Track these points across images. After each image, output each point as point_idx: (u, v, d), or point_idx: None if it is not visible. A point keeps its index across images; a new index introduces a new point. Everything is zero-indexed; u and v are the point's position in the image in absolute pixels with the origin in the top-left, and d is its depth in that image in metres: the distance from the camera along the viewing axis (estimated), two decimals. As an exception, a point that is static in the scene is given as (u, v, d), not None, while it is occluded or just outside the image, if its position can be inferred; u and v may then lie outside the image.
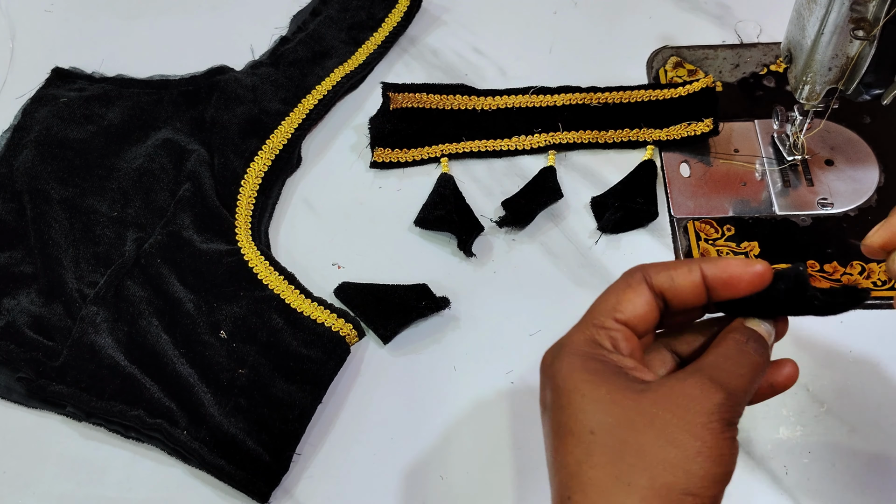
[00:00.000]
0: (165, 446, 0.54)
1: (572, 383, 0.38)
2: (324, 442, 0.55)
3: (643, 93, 0.69)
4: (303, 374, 0.55)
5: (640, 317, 0.40)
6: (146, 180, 0.66)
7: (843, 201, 0.63)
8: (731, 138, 0.68)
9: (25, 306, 0.60)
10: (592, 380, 0.37)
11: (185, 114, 0.71)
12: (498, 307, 0.60)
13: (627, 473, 0.35)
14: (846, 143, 0.66)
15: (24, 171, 0.66)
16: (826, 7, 0.54)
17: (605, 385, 0.37)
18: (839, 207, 0.63)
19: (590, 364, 0.38)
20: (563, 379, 0.38)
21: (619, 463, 0.35)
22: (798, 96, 0.60)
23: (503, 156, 0.69)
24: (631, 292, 0.40)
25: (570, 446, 0.36)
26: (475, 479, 0.54)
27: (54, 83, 0.74)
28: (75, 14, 0.82)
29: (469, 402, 0.56)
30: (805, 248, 0.61)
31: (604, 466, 0.35)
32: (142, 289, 0.60)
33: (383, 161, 0.68)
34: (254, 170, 0.67)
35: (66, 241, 0.63)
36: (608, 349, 0.39)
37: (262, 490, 0.52)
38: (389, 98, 0.69)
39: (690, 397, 0.36)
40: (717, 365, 0.38)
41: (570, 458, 0.36)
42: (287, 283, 0.60)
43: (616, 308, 0.40)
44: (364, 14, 0.77)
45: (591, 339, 0.39)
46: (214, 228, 0.63)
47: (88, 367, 0.56)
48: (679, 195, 0.65)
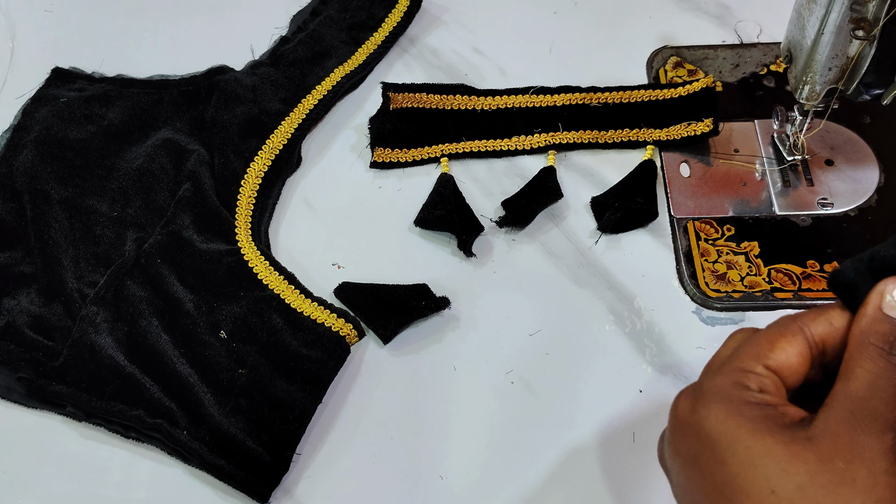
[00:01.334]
0: (165, 446, 0.54)
1: (730, 433, 0.35)
2: (324, 442, 0.55)
3: (643, 93, 0.69)
4: (303, 374, 0.55)
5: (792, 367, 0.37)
6: (146, 180, 0.66)
7: (843, 201, 0.64)
8: (731, 138, 0.68)
9: (25, 306, 0.60)
10: (754, 429, 0.34)
11: (185, 114, 0.71)
12: (498, 307, 0.60)
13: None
14: (846, 143, 0.66)
15: (24, 171, 0.66)
16: (826, 7, 0.54)
17: (771, 435, 0.34)
18: (839, 207, 0.63)
19: (744, 410, 0.35)
20: (716, 428, 0.35)
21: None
22: (798, 96, 0.60)
23: (503, 156, 0.69)
24: (784, 340, 0.37)
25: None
26: (475, 479, 0.54)
27: (54, 83, 0.74)
28: (75, 14, 0.82)
29: (469, 402, 0.56)
30: (805, 248, 0.61)
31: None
32: (142, 289, 0.60)
33: (383, 161, 0.68)
34: (254, 170, 0.67)
35: (66, 241, 0.63)
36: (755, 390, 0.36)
37: (262, 490, 0.52)
38: (389, 98, 0.69)
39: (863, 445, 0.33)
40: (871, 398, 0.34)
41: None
42: (287, 283, 0.60)
43: (766, 354, 0.37)
44: (364, 14, 0.77)
45: (738, 382, 0.36)
46: (214, 228, 0.63)
47: (88, 367, 0.56)
48: (679, 195, 0.65)
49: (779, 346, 0.36)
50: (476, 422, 0.56)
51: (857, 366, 0.35)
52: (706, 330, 0.58)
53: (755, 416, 0.35)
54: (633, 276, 0.61)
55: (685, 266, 0.61)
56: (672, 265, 0.62)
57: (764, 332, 0.38)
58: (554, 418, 0.55)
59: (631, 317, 0.60)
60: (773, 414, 0.35)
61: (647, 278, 0.61)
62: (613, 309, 0.60)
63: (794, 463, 0.33)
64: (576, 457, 0.54)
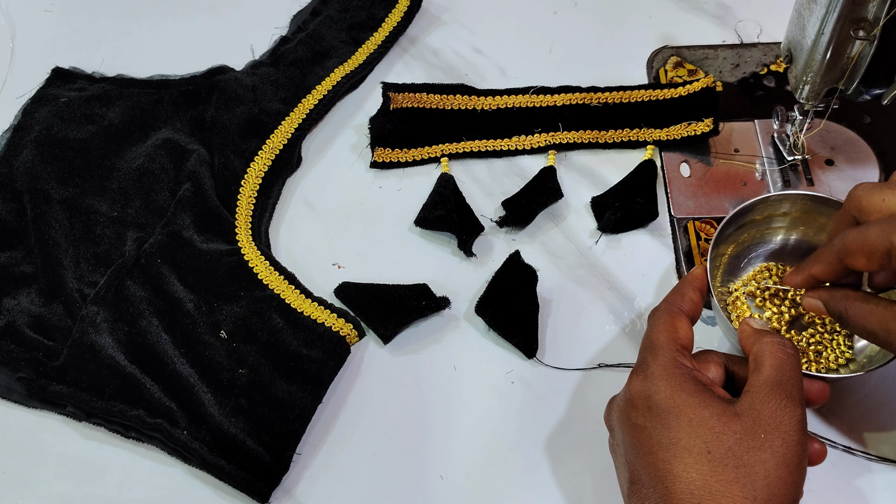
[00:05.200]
0: (165, 446, 0.54)
1: (675, 406, 0.44)
2: (324, 442, 0.55)
3: (643, 93, 0.69)
4: (303, 374, 0.55)
5: (690, 339, 0.48)
6: (146, 180, 0.66)
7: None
8: (731, 138, 0.68)
9: (25, 306, 0.60)
10: (694, 402, 0.43)
11: (185, 114, 0.71)
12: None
13: (752, 488, 0.41)
14: (846, 143, 0.66)
15: (24, 171, 0.66)
16: (826, 7, 0.54)
17: (707, 409, 0.43)
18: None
19: (686, 386, 0.44)
20: (665, 401, 0.44)
21: (745, 480, 0.41)
22: (798, 96, 0.60)
23: (503, 156, 0.69)
24: (680, 321, 0.48)
25: (689, 463, 0.42)
26: (475, 479, 0.54)
27: (54, 83, 0.74)
28: (75, 14, 0.82)
29: (469, 402, 0.56)
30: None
31: (731, 483, 0.41)
32: (142, 289, 0.60)
33: (383, 161, 0.68)
34: (254, 170, 0.67)
35: (67, 240, 0.63)
36: (691, 368, 0.46)
37: (262, 490, 0.52)
38: (389, 98, 0.69)
39: (779, 419, 0.42)
40: (782, 381, 0.44)
41: (690, 472, 0.41)
42: (287, 283, 0.60)
43: (678, 337, 0.47)
44: (364, 14, 0.77)
45: (676, 361, 0.46)
46: (214, 228, 0.63)
47: (88, 367, 0.56)
48: (679, 195, 0.65)
49: (680, 327, 0.48)
50: (476, 422, 0.56)
51: (763, 360, 0.45)
52: (706, 330, 0.58)
53: (694, 391, 0.44)
54: (633, 276, 0.61)
55: (685, 266, 0.61)
56: (672, 265, 0.62)
57: (667, 317, 0.48)
58: (554, 418, 0.56)
59: (631, 317, 0.60)
60: (706, 392, 0.44)
61: (647, 278, 0.61)
62: (613, 309, 0.60)
63: (725, 431, 0.42)
64: (576, 457, 0.54)
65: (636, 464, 0.44)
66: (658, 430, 0.43)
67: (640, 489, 0.43)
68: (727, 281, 0.58)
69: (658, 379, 0.45)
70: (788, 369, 0.44)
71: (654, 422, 0.44)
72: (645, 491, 0.43)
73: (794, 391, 0.44)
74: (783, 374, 0.44)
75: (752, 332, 0.47)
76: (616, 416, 0.47)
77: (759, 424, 0.42)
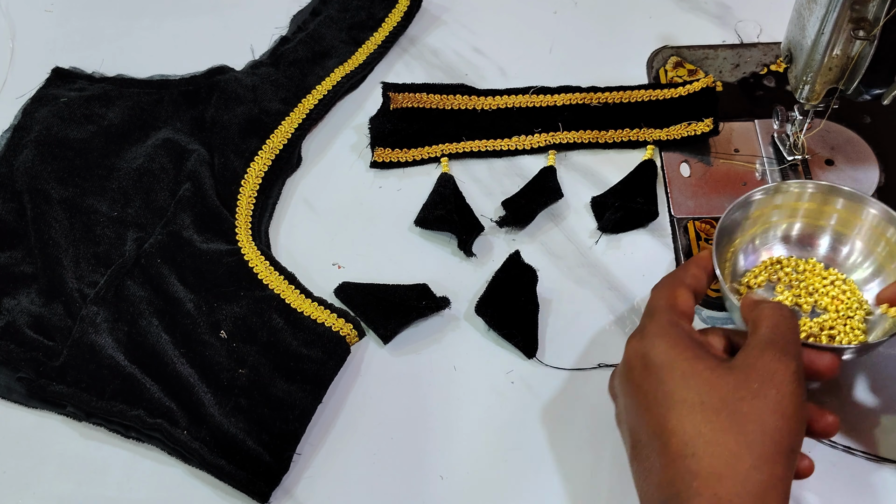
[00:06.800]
0: (165, 446, 0.54)
1: (670, 360, 0.44)
2: (324, 442, 0.55)
3: (643, 93, 0.69)
4: (303, 374, 0.55)
5: (690, 307, 0.49)
6: (146, 180, 0.66)
7: (843, 201, 0.63)
8: (731, 138, 0.68)
9: (25, 306, 0.60)
10: (688, 356, 0.44)
11: (185, 114, 0.71)
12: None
13: (746, 436, 0.41)
14: (846, 143, 0.66)
15: (24, 171, 0.66)
16: (826, 7, 0.54)
17: (700, 362, 0.44)
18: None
19: (680, 342, 0.45)
20: (659, 357, 0.45)
21: (738, 428, 0.41)
22: (798, 96, 0.60)
23: (503, 156, 0.69)
24: (682, 290, 0.49)
25: (683, 414, 0.42)
26: (475, 479, 0.54)
27: (54, 83, 0.74)
28: (75, 14, 0.82)
29: (469, 402, 0.56)
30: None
31: (725, 432, 0.41)
32: (142, 289, 0.60)
33: (383, 161, 0.68)
34: (254, 170, 0.67)
35: (66, 240, 0.63)
36: (687, 328, 0.47)
37: (262, 490, 0.52)
38: (389, 98, 0.69)
39: (773, 370, 0.43)
40: (776, 339, 0.44)
41: (685, 424, 0.42)
42: (287, 283, 0.60)
43: (677, 303, 0.48)
44: (364, 14, 0.77)
45: (673, 321, 0.47)
46: (214, 228, 0.63)
47: (88, 367, 0.56)
48: (679, 195, 0.65)
49: (679, 295, 0.49)
50: (476, 422, 0.56)
51: (760, 322, 0.46)
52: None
53: (689, 346, 0.45)
54: (633, 276, 0.61)
55: (685, 266, 0.61)
56: (672, 265, 0.62)
57: (669, 287, 0.49)
58: (554, 418, 0.56)
59: (631, 317, 0.60)
60: (701, 348, 0.45)
61: (647, 278, 0.61)
62: (613, 309, 0.60)
63: (719, 383, 0.43)
64: (576, 456, 0.54)
65: (636, 424, 0.45)
66: (654, 387, 0.44)
67: (641, 450, 0.44)
68: (737, 276, 0.58)
69: (654, 337, 0.46)
70: (784, 328, 0.45)
71: (650, 379, 0.45)
72: (645, 451, 0.44)
73: (788, 346, 0.44)
74: (778, 332, 0.45)
75: (752, 302, 0.48)
76: (617, 381, 0.48)
77: (753, 376, 0.43)
